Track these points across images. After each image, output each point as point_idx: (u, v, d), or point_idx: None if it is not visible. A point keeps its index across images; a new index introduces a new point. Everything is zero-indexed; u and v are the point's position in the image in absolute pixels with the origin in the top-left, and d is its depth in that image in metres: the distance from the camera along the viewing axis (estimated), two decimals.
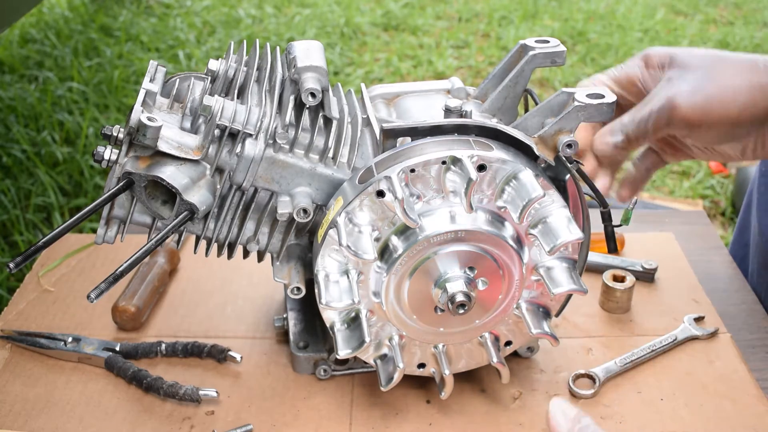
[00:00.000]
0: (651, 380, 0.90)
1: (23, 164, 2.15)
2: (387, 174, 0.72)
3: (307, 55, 0.76)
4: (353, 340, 0.78)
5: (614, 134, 0.83)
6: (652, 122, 0.81)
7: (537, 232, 0.75)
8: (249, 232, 0.83)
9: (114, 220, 0.80)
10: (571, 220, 0.75)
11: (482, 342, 0.83)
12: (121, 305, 0.96)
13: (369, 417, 0.85)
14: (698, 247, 1.13)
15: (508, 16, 3.69)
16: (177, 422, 0.84)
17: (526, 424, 0.84)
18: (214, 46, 3.16)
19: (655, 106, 0.81)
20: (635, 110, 0.83)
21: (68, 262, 1.09)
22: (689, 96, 0.79)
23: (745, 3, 3.97)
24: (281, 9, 3.71)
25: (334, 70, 3.08)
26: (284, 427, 0.84)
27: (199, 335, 0.96)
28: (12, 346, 0.94)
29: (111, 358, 0.90)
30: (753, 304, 1.04)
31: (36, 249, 0.72)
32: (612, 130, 0.84)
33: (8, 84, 2.56)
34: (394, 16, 3.65)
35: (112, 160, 0.75)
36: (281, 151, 0.77)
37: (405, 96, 0.90)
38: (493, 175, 0.73)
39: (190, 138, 0.77)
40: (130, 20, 3.29)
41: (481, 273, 0.76)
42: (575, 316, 0.99)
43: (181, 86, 0.81)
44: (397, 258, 0.74)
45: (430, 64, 3.15)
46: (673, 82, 0.81)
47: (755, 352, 0.96)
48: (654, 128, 0.81)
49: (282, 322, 0.95)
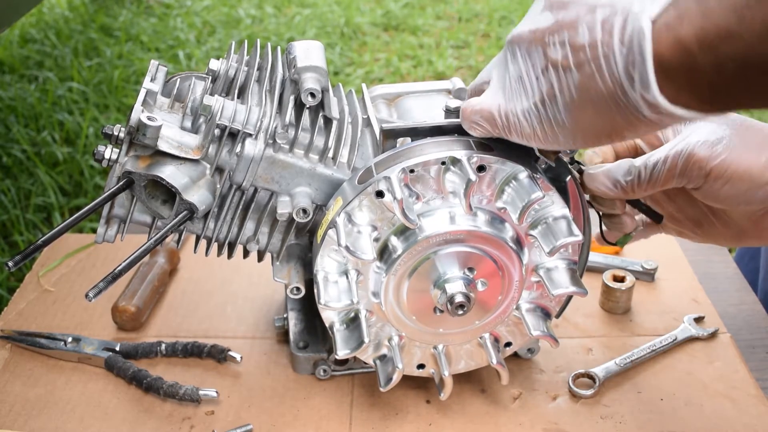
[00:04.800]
0: (651, 380, 0.90)
1: (23, 164, 2.15)
2: (386, 174, 0.72)
3: (307, 55, 0.76)
4: (352, 341, 0.78)
5: (625, 174, 0.77)
6: (667, 166, 0.75)
7: (537, 233, 0.75)
8: (249, 232, 0.83)
9: (114, 220, 0.80)
10: (571, 221, 0.75)
11: (482, 343, 0.83)
12: (121, 305, 0.96)
13: (369, 417, 0.85)
14: (698, 247, 1.13)
15: (508, 16, 3.69)
16: (177, 422, 0.84)
17: (526, 424, 0.84)
18: (214, 46, 3.15)
19: (672, 150, 0.75)
20: (649, 154, 0.77)
21: (68, 262, 1.09)
22: (710, 144, 0.74)
23: None
24: (281, 9, 3.71)
25: (334, 70, 3.08)
26: (284, 427, 0.84)
27: (199, 335, 0.96)
28: (12, 346, 0.94)
29: (111, 358, 0.90)
30: (753, 304, 1.04)
31: (35, 248, 0.72)
32: (621, 168, 0.78)
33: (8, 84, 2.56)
34: (394, 16, 3.65)
35: (112, 160, 0.75)
36: (281, 151, 0.77)
37: (406, 96, 0.90)
38: (493, 176, 0.73)
39: (190, 137, 0.77)
40: (130, 20, 3.29)
41: (480, 274, 0.76)
42: (575, 316, 0.99)
43: (182, 86, 0.81)
44: (397, 258, 0.74)
45: (430, 64, 3.15)
46: (693, 129, 0.76)
47: (755, 352, 0.96)
48: (668, 173, 0.75)
49: (282, 322, 0.95)
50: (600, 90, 0.58)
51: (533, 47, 0.63)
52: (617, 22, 0.57)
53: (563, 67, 0.61)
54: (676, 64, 0.53)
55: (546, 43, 0.62)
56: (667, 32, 0.53)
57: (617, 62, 0.56)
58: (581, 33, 0.59)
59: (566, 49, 0.60)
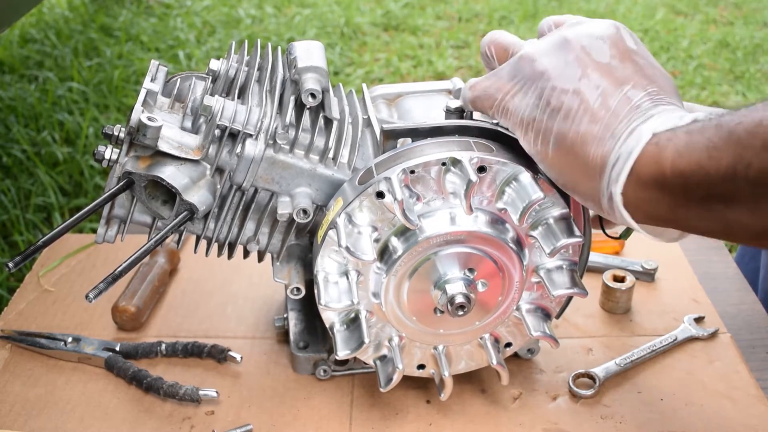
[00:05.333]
0: (651, 380, 0.90)
1: (23, 164, 2.15)
2: (387, 175, 0.72)
3: (307, 55, 0.76)
4: (352, 341, 0.78)
5: None
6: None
7: (537, 234, 0.75)
8: (249, 232, 0.83)
9: (114, 220, 0.80)
10: (572, 222, 0.75)
11: (482, 343, 0.83)
12: (121, 305, 0.96)
13: (369, 417, 0.85)
14: (698, 247, 1.13)
15: (508, 16, 3.69)
16: (177, 422, 0.84)
17: (526, 424, 0.84)
18: (214, 46, 3.15)
19: None
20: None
21: (68, 262, 1.09)
22: None
23: (745, 3, 3.97)
24: (281, 9, 3.71)
25: (334, 70, 3.08)
26: (284, 427, 0.84)
27: (199, 335, 0.96)
28: (12, 346, 0.94)
29: (111, 358, 0.90)
30: (753, 304, 1.04)
31: (35, 248, 0.72)
32: None
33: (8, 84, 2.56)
34: (394, 16, 3.65)
35: (112, 160, 0.75)
36: (281, 151, 0.77)
37: (406, 96, 0.90)
38: (493, 177, 0.73)
39: (191, 138, 0.77)
40: (130, 20, 3.29)
41: (480, 275, 0.76)
42: (575, 316, 0.99)
43: (182, 86, 0.81)
44: (397, 259, 0.74)
45: (430, 64, 3.15)
46: None
47: (755, 352, 0.96)
48: None
49: (282, 323, 0.95)
50: (589, 154, 0.64)
51: (579, 63, 0.66)
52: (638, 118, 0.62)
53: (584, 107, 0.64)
54: (649, 178, 0.60)
55: (588, 74, 0.65)
56: (654, 149, 0.59)
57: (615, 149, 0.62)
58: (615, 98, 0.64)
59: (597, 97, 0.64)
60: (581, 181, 0.66)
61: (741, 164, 0.54)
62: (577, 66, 0.66)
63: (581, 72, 0.65)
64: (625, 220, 0.64)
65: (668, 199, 0.60)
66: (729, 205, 0.56)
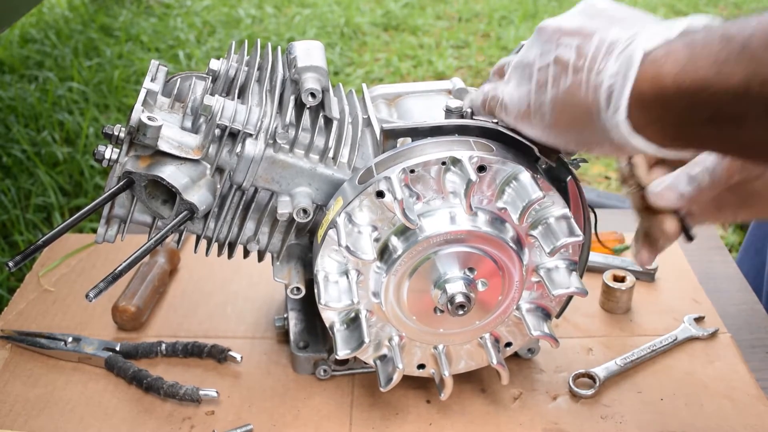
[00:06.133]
0: (651, 380, 0.90)
1: (23, 164, 2.15)
2: (387, 174, 0.72)
3: (307, 55, 0.76)
4: (353, 341, 0.78)
5: (687, 183, 0.73)
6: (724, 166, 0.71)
7: (537, 234, 0.75)
8: (249, 232, 0.83)
9: (114, 220, 0.80)
10: (572, 221, 0.75)
11: (482, 343, 0.83)
12: (121, 305, 0.96)
13: (369, 417, 0.85)
14: (698, 247, 1.13)
15: (508, 16, 3.69)
16: (177, 422, 0.84)
17: (526, 424, 0.84)
18: (214, 46, 3.15)
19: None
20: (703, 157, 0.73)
21: (68, 262, 1.09)
22: None
23: (745, 3, 3.96)
24: (281, 9, 3.71)
25: (334, 70, 3.08)
26: (284, 427, 0.84)
27: (199, 335, 0.96)
28: (12, 346, 0.94)
29: (111, 358, 0.90)
30: (753, 304, 1.04)
31: (35, 248, 0.72)
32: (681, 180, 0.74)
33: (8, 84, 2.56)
34: (394, 16, 3.65)
35: (112, 160, 0.75)
36: (281, 151, 0.77)
37: (406, 96, 0.90)
38: (493, 176, 0.73)
39: (191, 137, 0.77)
40: (130, 20, 3.29)
41: (480, 274, 0.76)
42: (575, 316, 0.99)
43: (183, 86, 0.81)
44: (397, 258, 0.74)
45: (430, 64, 3.15)
46: None
47: (755, 352, 0.96)
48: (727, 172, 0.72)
49: (282, 322, 0.95)
50: (581, 100, 0.62)
51: (552, 40, 0.66)
52: (620, 46, 0.59)
53: (563, 66, 0.64)
54: (651, 97, 0.56)
55: (561, 42, 0.65)
56: (651, 67, 0.56)
57: (604, 81, 0.59)
58: (591, 44, 0.62)
59: (573, 52, 0.63)
60: (589, 129, 0.63)
61: (755, 81, 0.50)
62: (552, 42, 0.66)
63: (555, 43, 0.66)
64: (641, 148, 0.59)
65: (674, 120, 0.56)
66: (741, 126, 0.52)
